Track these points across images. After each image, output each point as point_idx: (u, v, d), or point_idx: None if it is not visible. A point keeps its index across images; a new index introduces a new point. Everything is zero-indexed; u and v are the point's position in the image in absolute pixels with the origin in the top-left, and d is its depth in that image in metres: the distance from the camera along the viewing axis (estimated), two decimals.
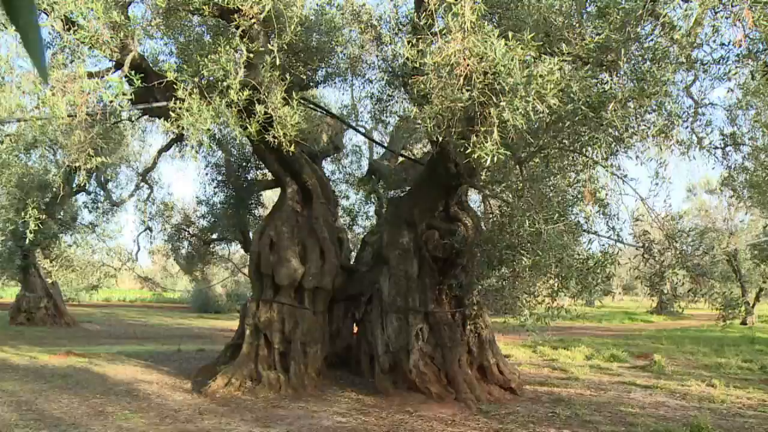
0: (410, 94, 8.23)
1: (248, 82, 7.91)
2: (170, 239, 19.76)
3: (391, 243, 10.86)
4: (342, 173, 17.23)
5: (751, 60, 7.19)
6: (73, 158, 9.43)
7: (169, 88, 8.27)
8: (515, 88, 5.92)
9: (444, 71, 6.11)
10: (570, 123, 7.08)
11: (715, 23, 7.46)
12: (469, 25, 6.05)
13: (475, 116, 6.35)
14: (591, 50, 6.52)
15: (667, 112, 7.73)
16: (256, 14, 7.63)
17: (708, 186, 32.86)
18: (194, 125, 7.68)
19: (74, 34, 8.20)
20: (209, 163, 16.16)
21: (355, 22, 10.67)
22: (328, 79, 11.74)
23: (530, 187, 8.19)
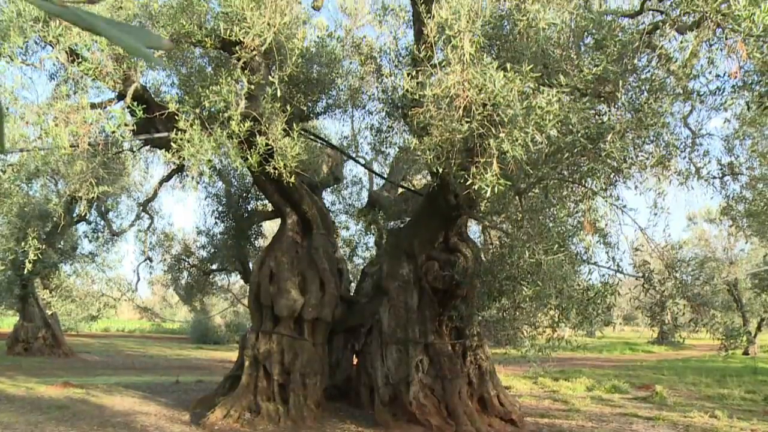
0: (410, 126, 8.29)
1: (249, 114, 7.97)
2: (170, 269, 19.70)
3: (390, 274, 10.85)
4: (342, 204, 17.27)
5: (747, 91, 7.26)
6: (75, 188, 9.47)
7: (170, 119, 8.33)
8: (514, 119, 5.97)
9: (443, 103, 6.17)
10: (569, 154, 7.12)
11: (710, 55, 7.54)
12: (468, 57, 6.12)
13: (474, 147, 6.39)
14: (589, 82, 6.58)
15: (665, 142, 7.79)
16: (257, 46, 7.72)
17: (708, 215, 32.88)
18: (195, 156, 7.73)
19: (78, 65, 8.29)
20: (210, 194, 16.21)
21: (356, 54, 10.78)
22: (328, 110, 11.82)
23: (530, 218, 8.20)
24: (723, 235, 31.92)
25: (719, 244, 33.12)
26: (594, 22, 6.98)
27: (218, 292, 24.61)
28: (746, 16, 5.62)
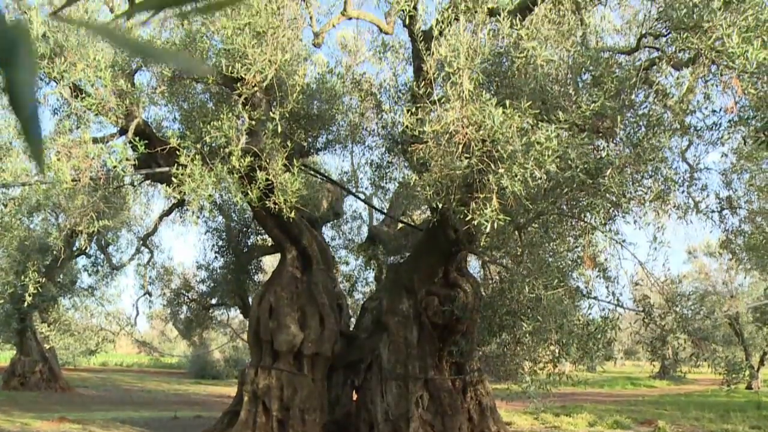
0: (410, 161, 8.35)
1: (250, 149, 8.03)
2: (169, 304, 19.63)
3: (390, 309, 10.82)
4: (342, 239, 17.27)
5: (743, 126, 7.33)
6: (75, 222, 9.49)
7: (171, 154, 8.38)
8: (513, 155, 6.02)
9: (443, 139, 6.23)
10: (568, 189, 7.16)
11: (706, 91, 7.65)
12: (467, 94, 6.19)
13: (474, 183, 6.44)
14: (587, 118, 6.64)
15: (664, 177, 7.84)
16: (258, 83, 7.80)
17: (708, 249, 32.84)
18: (196, 191, 7.76)
19: (82, 101, 8.37)
20: (210, 228, 16.22)
21: (356, 91, 10.88)
22: (328, 145, 11.90)
23: (529, 253, 8.22)
24: (723, 268, 31.86)
25: (719, 277, 33.03)
26: (591, 59, 7.07)
27: (217, 326, 24.49)
28: (740, 53, 5.70)
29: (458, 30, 6.38)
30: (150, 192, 16.30)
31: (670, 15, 6.80)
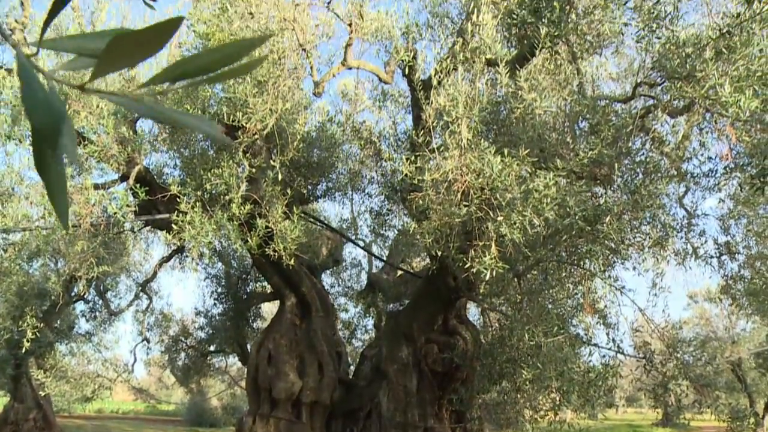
0: (409, 209, 8.40)
1: (250, 197, 8.08)
2: (167, 350, 19.49)
3: (390, 357, 10.75)
4: (341, 286, 17.22)
5: (739, 172, 7.40)
6: (74, 267, 9.49)
7: (172, 201, 8.43)
8: (512, 203, 6.07)
9: (442, 187, 6.28)
10: (567, 236, 7.19)
11: (701, 138, 7.74)
12: (466, 142, 6.26)
13: (473, 231, 6.47)
14: (585, 165, 6.70)
15: (662, 223, 7.88)
16: (259, 131, 7.88)
17: (708, 294, 32.70)
18: (196, 238, 7.78)
19: (84, 148, 8.45)
20: (209, 275, 16.20)
21: (355, 139, 10.98)
22: (328, 193, 11.96)
23: (529, 300, 8.21)
24: (724, 313, 31.70)
25: (720, 323, 32.84)
26: (588, 108, 7.17)
27: (215, 373, 24.27)
28: (733, 102, 5.79)
29: (457, 80, 6.49)
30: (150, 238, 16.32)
31: (664, 65, 6.91)
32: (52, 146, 0.93)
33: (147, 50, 0.94)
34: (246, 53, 1.02)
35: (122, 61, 0.96)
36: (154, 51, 0.94)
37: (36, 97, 0.91)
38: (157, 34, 0.90)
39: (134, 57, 0.96)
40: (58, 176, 0.95)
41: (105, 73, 0.97)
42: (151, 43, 0.92)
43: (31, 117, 0.91)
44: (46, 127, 0.91)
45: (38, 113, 0.90)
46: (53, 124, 0.91)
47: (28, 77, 0.93)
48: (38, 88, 0.92)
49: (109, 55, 0.91)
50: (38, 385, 23.22)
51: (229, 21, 7.75)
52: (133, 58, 0.96)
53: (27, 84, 0.92)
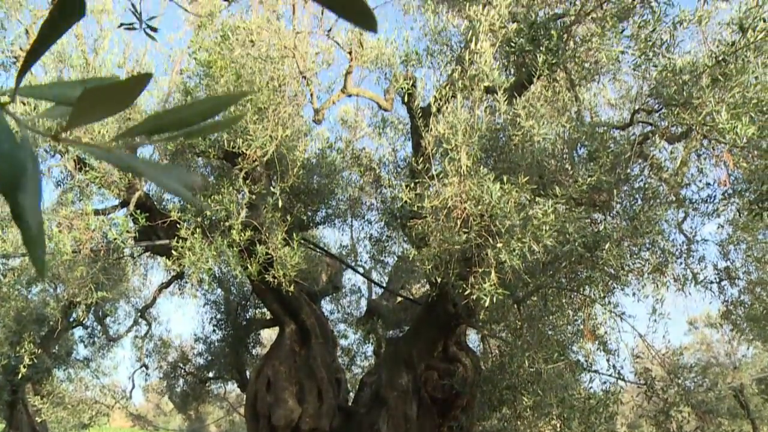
0: (409, 236, 8.42)
1: (250, 223, 8.09)
2: (166, 377, 19.38)
3: (389, 384, 10.69)
4: (341, 313, 17.16)
5: (737, 198, 7.42)
6: (74, 293, 9.48)
7: (172, 227, 8.44)
8: (511, 230, 6.08)
9: (441, 214, 6.30)
10: (566, 263, 7.20)
11: (699, 164, 7.78)
12: (465, 169, 6.29)
13: (472, 257, 6.48)
14: (584, 192, 6.72)
15: (661, 249, 7.88)
16: (259, 158, 7.93)
17: (709, 320, 32.55)
18: (196, 264, 7.79)
19: (85, 174, 8.49)
20: (208, 301, 16.16)
21: (355, 165, 11.02)
22: (328, 219, 11.97)
23: (529, 326, 8.20)
24: (725, 339, 31.55)
25: (722, 348, 32.67)
26: (587, 135, 7.21)
27: (214, 400, 24.08)
28: (730, 128, 5.83)
29: (456, 107, 6.54)
30: (149, 264, 16.33)
31: (661, 92, 6.97)
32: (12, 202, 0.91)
33: (117, 105, 0.93)
34: (225, 108, 1.02)
35: (95, 113, 0.97)
36: (126, 105, 0.94)
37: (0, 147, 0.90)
38: (126, 89, 0.89)
39: (105, 110, 0.95)
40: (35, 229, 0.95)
41: (79, 124, 0.97)
42: (122, 97, 0.91)
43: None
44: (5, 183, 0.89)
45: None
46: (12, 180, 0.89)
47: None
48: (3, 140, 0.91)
49: (81, 107, 0.91)
50: (35, 411, 23.05)
51: (230, 49, 7.82)
52: (105, 111, 0.95)
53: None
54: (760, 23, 6.00)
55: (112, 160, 1.00)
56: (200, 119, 0.99)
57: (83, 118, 0.95)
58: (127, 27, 3.30)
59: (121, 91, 0.90)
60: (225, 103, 1.02)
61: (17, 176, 0.90)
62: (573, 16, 7.09)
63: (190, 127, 0.99)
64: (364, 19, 0.76)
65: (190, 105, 0.98)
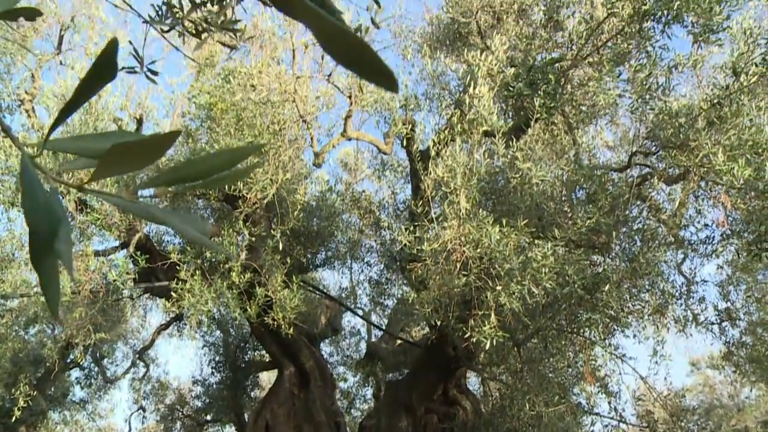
0: (408, 279, 8.43)
1: (250, 265, 8.10)
2: (163, 419, 19.16)
3: (389, 428, 10.58)
4: (340, 355, 17.04)
5: (736, 238, 7.44)
6: (72, 334, 9.44)
7: (171, 269, 8.45)
8: (511, 272, 6.08)
9: (441, 257, 6.31)
10: (566, 305, 7.19)
11: (697, 205, 7.81)
12: (465, 212, 6.32)
13: (472, 300, 6.48)
14: (583, 234, 6.74)
15: (661, 291, 7.88)
16: (259, 200, 7.97)
17: (711, 361, 32.21)
18: (195, 306, 7.78)
19: (86, 215, 8.52)
20: (207, 343, 16.06)
21: (355, 208, 11.07)
22: (327, 262, 11.97)
23: (529, 369, 8.15)
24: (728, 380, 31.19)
25: (725, 390, 32.31)
26: (585, 177, 7.25)
27: None
28: (726, 170, 5.88)
29: (455, 151, 6.59)
30: (148, 305, 16.26)
31: (658, 134, 7.05)
32: (47, 250, 0.94)
33: (144, 160, 0.95)
34: (241, 160, 1.05)
35: (120, 168, 0.99)
36: (153, 160, 0.96)
37: (36, 200, 0.93)
38: (154, 145, 0.92)
39: (132, 165, 0.98)
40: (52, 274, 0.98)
41: (104, 176, 1.00)
42: (149, 152, 0.94)
43: (29, 220, 0.92)
44: (42, 231, 0.92)
45: (36, 217, 0.92)
46: (50, 229, 0.93)
47: (29, 179, 0.95)
48: (38, 191, 0.94)
49: (108, 162, 0.93)
50: None
51: (231, 92, 7.92)
52: (131, 165, 0.98)
53: (27, 186, 0.94)
54: (752, 67, 6.09)
55: (135, 209, 1.03)
56: (217, 171, 1.02)
57: (109, 171, 0.98)
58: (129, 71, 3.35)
59: (148, 147, 0.92)
60: (241, 156, 1.06)
61: (53, 225, 0.93)
62: (570, 60, 7.19)
63: (207, 178, 1.03)
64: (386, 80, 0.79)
65: (207, 157, 1.01)
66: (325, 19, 0.72)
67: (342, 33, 0.73)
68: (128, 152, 0.92)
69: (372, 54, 0.75)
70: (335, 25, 0.73)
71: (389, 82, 0.79)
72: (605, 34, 6.94)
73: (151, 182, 1.02)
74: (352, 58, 0.78)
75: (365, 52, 0.75)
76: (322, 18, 0.72)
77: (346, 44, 0.75)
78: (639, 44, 6.84)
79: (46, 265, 0.96)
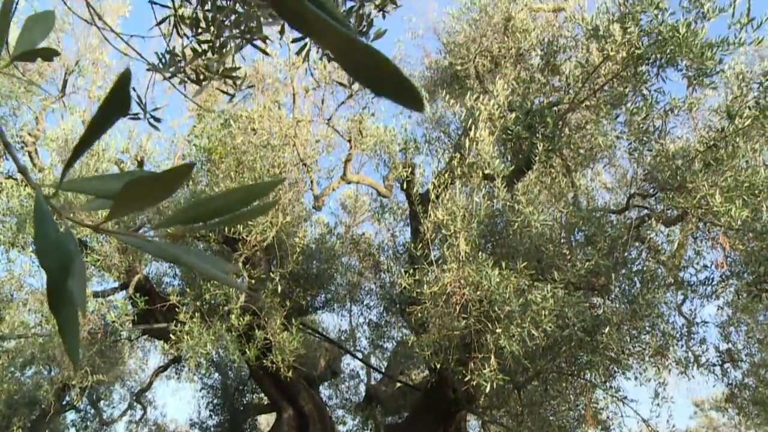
0: (408, 322, 8.41)
1: (249, 308, 8.09)
2: None
3: None
4: (339, 398, 16.86)
5: (736, 279, 7.44)
6: (68, 375, 9.38)
7: (171, 310, 8.44)
8: (511, 315, 6.08)
9: (441, 300, 6.32)
10: (566, 347, 7.16)
11: (696, 247, 7.83)
12: (464, 255, 6.34)
13: (472, 343, 6.46)
14: (582, 276, 6.75)
15: (661, 332, 7.85)
16: (259, 243, 7.99)
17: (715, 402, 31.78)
18: (194, 348, 7.75)
19: (87, 257, 8.53)
20: (205, 386, 15.92)
21: (355, 251, 11.08)
22: (327, 304, 11.94)
23: (530, 412, 8.07)
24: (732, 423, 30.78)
25: None
26: (584, 219, 7.28)
27: None
28: (724, 211, 5.92)
29: (455, 194, 6.64)
30: (147, 347, 16.19)
31: (655, 176, 7.10)
32: (59, 289, 0.96)
33: (160, 195, 0.97)
34: (258, 198, 1.06)
35: (136, 204, 1.01)
36: (167, 195, 0.98)
37: (48, 239, 0.94)
38: (169, 179, 0.93)
39: (148, 201, 0.99)
40: (71, 315, 0.99)
41: (120, 215, 1.02)
42: (164, 188, 0.95)
43: (41, 259, 0.93)
44: (54, 271, 0.92)
45: (48, 256, 0.93)
46: (62, 269, 0.94)
47: (42, 218, 0.96)
48: (50, 230, 0.95)
49: (123, 199, 0.94)
50: None
51: (232, 136, 8.00)
52: (147, 201, 0.99)
53: (40, 225, 0.95)
54: (746, 111, 6.17)
55: (152, 249, 1.05)
56: (233, 209, 1.02)
57: (124, 209, 0.99)
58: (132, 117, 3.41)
59: (162, 182, 0.93)
60: (257, 193, 1.06)
61: (66, 264, 0.95)
62: (567, 104, 7.28)
63: (224, 216, 1.03)
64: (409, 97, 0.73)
65: (224, 195, 1.02)
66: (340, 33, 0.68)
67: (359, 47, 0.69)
68: (143, 189, 0.93)
69: (393, 68, 0.69)
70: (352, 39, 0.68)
71: (413, 99, 0.72)
72: (601, 78, 7.04)
73: (170, 221, 1.03)
74: (371, 74, 0.73)
75: (385, 67, 0.69)
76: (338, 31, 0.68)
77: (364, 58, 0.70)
78: (635, 87, 6.93)
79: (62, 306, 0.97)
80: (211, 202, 1.04)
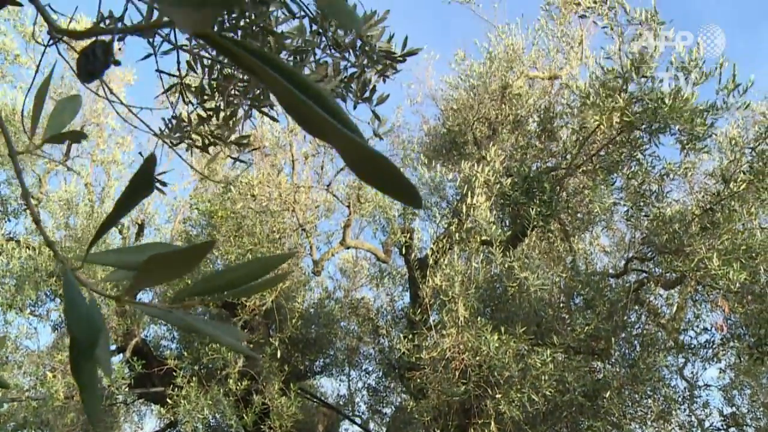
0: (407, 387, 8.35)
1: (247, 372, 8.03)
2: None
3: None
4: None
5: (736, 342, 7.41)
6: None
7: (168, 374, 8.37)
8: (510, 380, 6.06)
9: (440, 365, 6.29)
10: (567, 412, 7.09)
11: (695, 310, 7.81)
12: (463, 320, 6.34)
13: (471, 408, 6.41)
14: (582, 340, 6.74)
15: (663, 396, 7.77)
16: (257, 307, 7.98)
17: None
18: (191, 413, 7.67)
19: None
20: None
21: (353, 315, 11.03)
22: (325, 369, 11.83)
23: None
24: None
25: None
26: (582, 283, 7.30)
27: None
28: (722, 274, 5.93)
29: (453, 259, 6.67)
30: (143, 411, 15.90)
31: (653, 240, 7.13)
32: (87, 357, 0.99)
33: (180, 270, 1.01)
34: (272, 269, 1.10)
35: (157, 279, 1.05)
36: (187, 271, 1.01)
37: (78, 311, 0.98)
38: (189, 256, 0.96)
39: (168, 275, 1.04)
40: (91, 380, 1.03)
41: (142, 288, 1.06)
42: (184, 264, 0.98)
43: (71, 329, 0.98)
44: (84, 340, 0.97)
45: (78, 326, 0.97)
46: (91, 338, 0.98)
47: (71, 290, 1.00)
48: (80, 302, 0.99)
49: (145, 273, 0.99)
50: None
51: (232, 201, 8.07)
52: (167, 275, 1.04)
53: (70, 297, 0.99)
54: (740, 175, 6.25)
55: (172, 319, 1.09)
56: (248, 280, 1.06)
57: (146, 283, 1.03)
58: None
59: (183, 257, 0.97)
60: (271, 265, 1.10)
61: (95, 334, 0.99)
62: (564, 169, 7.37)
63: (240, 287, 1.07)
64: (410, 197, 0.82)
65: (239, 267, 1.06)
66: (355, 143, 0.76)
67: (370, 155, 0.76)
68: (165, 263, 0.96)
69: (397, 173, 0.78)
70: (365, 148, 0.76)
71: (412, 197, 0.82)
72: (597, 144, 7.14)
73: (187, 292, 1.07)
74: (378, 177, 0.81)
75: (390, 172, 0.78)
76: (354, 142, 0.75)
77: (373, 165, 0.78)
78: (630, 153, 7.02)
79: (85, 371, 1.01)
80: (227, 274, 1.09)
